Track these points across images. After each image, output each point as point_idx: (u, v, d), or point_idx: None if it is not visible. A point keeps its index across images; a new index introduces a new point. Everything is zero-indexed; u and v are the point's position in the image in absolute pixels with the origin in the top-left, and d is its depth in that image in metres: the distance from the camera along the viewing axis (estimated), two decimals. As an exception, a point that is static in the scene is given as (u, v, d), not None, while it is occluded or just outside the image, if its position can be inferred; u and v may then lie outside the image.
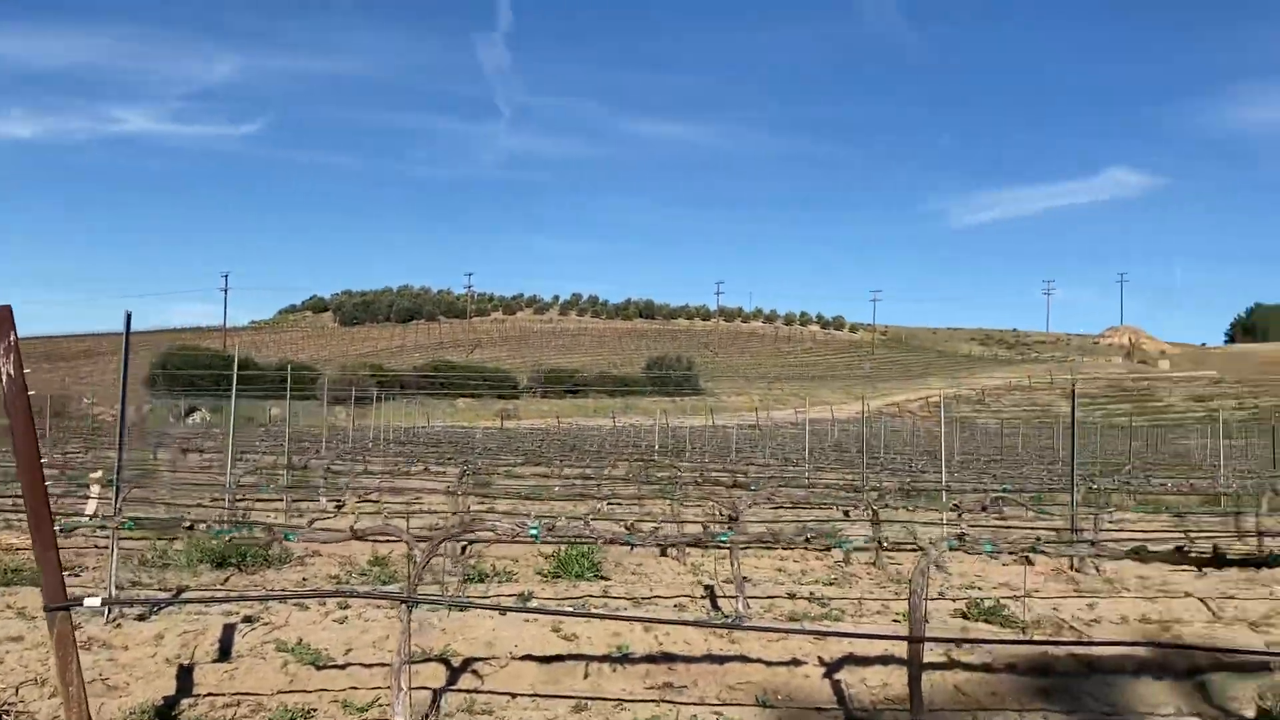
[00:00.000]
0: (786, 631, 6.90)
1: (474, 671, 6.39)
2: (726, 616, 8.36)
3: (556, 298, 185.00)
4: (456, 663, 6.50)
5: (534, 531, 5.35)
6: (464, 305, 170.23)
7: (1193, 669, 6.68)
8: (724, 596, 8.89)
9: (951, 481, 21.89)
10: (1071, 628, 8.18)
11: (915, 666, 4.87)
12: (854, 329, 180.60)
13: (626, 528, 7.51)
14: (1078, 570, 10.78)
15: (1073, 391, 12.00)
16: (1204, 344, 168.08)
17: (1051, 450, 39.63)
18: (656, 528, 10.15)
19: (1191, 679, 6.46)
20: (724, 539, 5.52)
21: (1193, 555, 4.76)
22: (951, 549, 4.98)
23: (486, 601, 7.97)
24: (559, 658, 6.58)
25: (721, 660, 6.59)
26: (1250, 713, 5.74)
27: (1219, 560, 4.65)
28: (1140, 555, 4.76)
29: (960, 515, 13.66)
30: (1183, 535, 15.31)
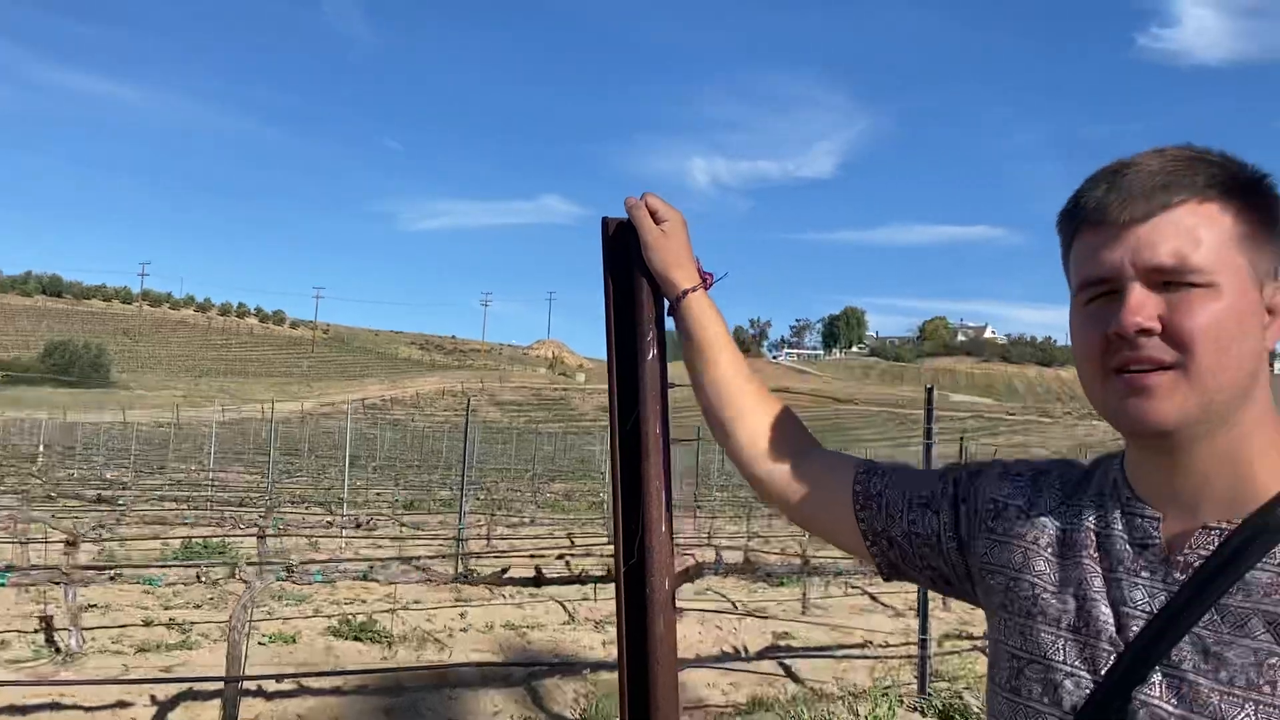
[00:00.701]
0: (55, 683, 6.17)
1: None
2: (59, 651, 7.33)
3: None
4: None
5: None
6: None
7: (531, 674, 7.19)
8: (63, 629, 7.79)
9: (363, 489, 21.86)
10: (437, 640, 8.42)
11: (231, 707, 4.55)
12: (295, 325, 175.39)
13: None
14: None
15: (466, 404, 12.54)
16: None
17: (478, 455, 41.75)
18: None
19: (526, 684, 6.94)
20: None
21: (513, 578, 5.08)
22: (279, 580, 4.76)
23: None
24: None
25: (26, 710, 5.68)
26: (568, 713, 6.30)
27: (538, 580, 5.00)
28: (470, 581, 4.97)
29: (360, 526, 13.60)
30: (567, 540, 16.81)
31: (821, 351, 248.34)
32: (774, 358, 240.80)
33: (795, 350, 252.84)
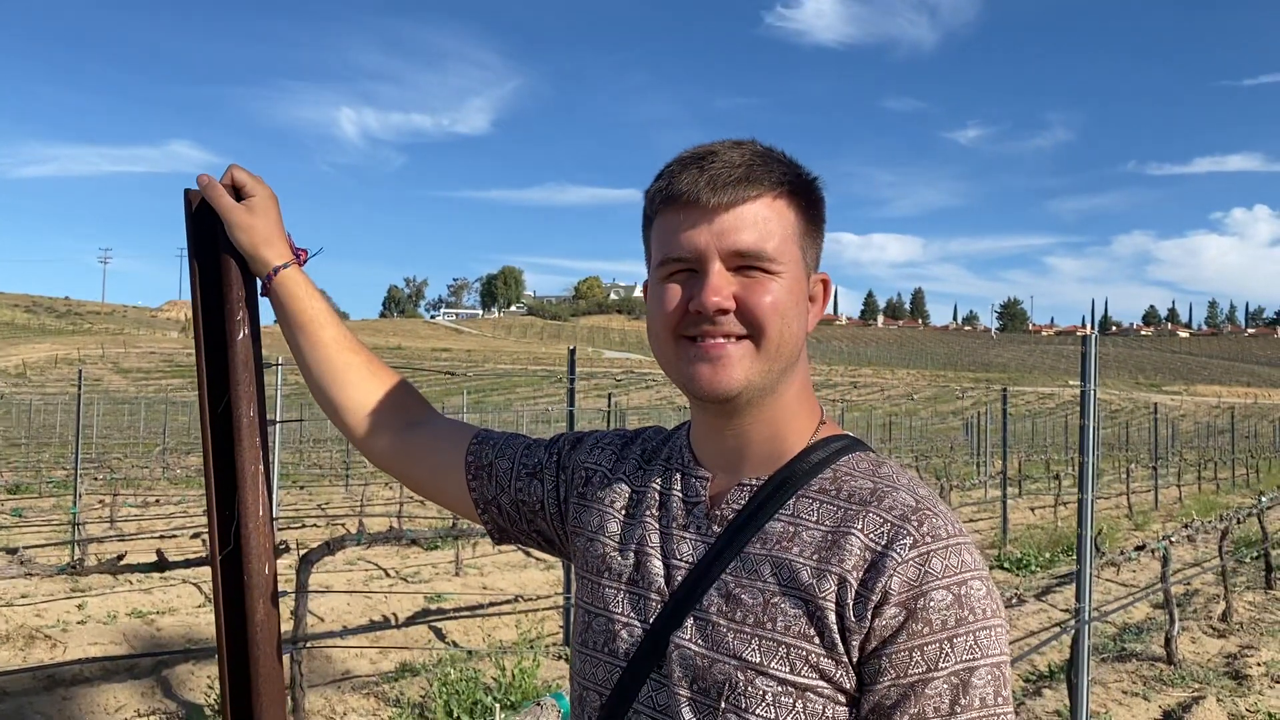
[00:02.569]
0: None
1: None
2: None
3: None
4: None
5: None
6: None
7: (160, 663, 6.71)
8: None
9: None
10: (48, 636, 7.61)
11: None
12: None
13: None
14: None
15: (79, 373, 11.31)
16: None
17: (100, 429, 37.79)
18: None
19: (155, 675, 6.48)
20: None
21: (131, 564, 4.69)
22: None
23: None
24: None
25: None
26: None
27: (161, 565, 4.66)
28: (79, 570, 4.54)
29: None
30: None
31: (480, 311, 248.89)
32: (431, 317, 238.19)
33: (453, 310, 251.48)
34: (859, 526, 1.07)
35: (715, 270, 1.10)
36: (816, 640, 1.05)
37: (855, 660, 1.05)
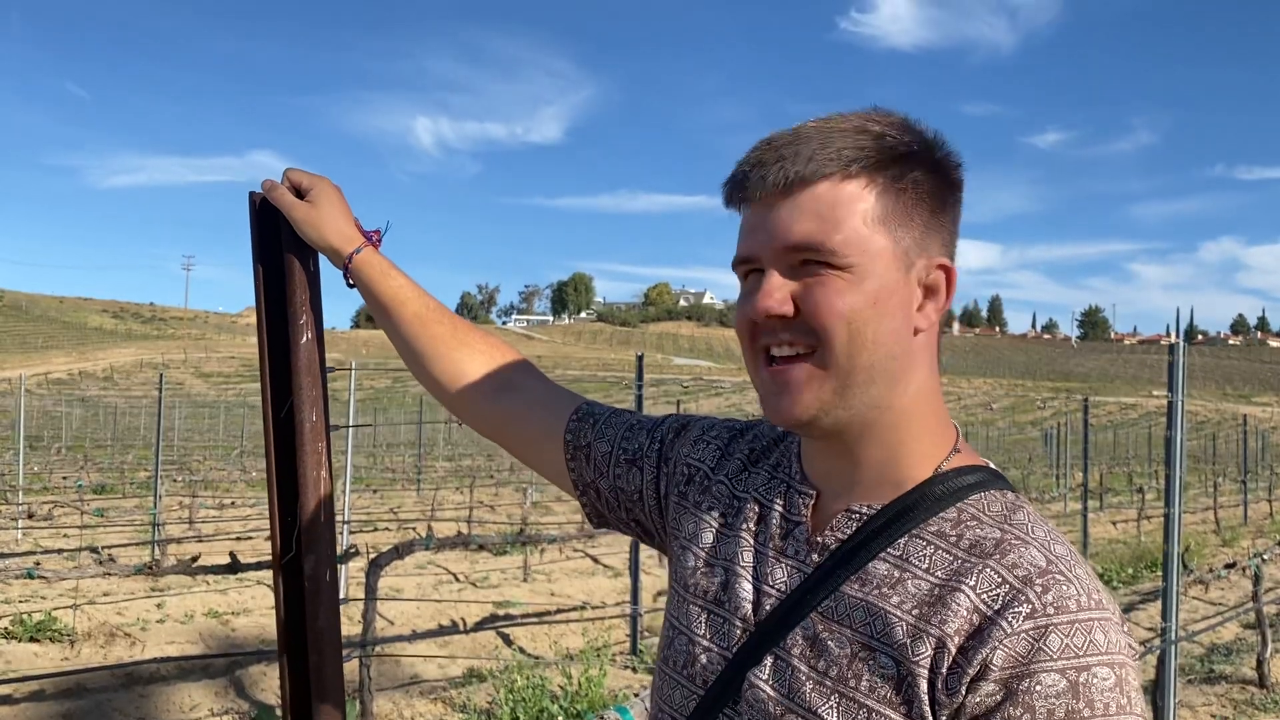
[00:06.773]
0: None
1: None
2: None
3: None
4: None
5: None
6: None
7: (234, 663, 6.83)
8: None
9: (42, 475, 19.90)
10: (128, 634, 7.80)
11: None
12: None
13: None
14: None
15: (160, 377, 11.62)
16: (333, 327, 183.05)
17: (181, 432, 38.85)
18: None
19: (229, 675, 6.59)
20: None
21: (205, 565, 4.78)
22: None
23: None
24: None
25: None
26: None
27: (234, 567, 4.73)
28: (154, 571, 4.63)
29: (33, 515, 12.32)
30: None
31: (550, 317, 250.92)
32: (503, 324, 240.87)
33: (525, 316, 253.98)
34: (972, 582, 0.93)
35: (771, 272, 0.99)
36: (902, 709, 0.92)
37: None
